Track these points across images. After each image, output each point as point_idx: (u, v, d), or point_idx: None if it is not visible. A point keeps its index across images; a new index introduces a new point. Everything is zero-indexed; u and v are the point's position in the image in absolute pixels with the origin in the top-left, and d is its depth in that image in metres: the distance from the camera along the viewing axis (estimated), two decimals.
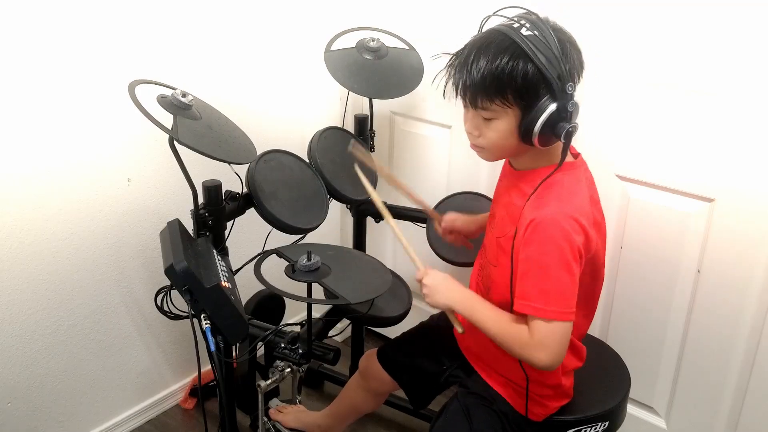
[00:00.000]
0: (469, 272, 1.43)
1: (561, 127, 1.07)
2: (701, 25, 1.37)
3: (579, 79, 1.12)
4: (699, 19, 1.38)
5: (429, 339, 1.49)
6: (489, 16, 1.13)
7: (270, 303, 1.76)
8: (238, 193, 1.46)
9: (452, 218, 1.50)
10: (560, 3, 1.51)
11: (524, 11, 1.10)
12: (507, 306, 1.17)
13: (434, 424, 1.36)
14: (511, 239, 1.15)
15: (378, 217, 1.85)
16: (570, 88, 1.06)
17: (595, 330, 1.71)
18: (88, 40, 1.50)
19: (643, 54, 1.47)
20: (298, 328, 1.42)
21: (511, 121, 1.10)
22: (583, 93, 1.46)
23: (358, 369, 1.61)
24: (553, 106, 1.06)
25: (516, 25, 1.06)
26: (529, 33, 1.05)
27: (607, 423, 1.32)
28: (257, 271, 1.27)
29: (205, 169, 1.37)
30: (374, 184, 1.52)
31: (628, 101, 1.52)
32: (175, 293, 1.35)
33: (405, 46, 1.77)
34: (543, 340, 1.10)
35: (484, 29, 1.12)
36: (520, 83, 1.05)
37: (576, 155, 1.22)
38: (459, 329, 1.24)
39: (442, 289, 1.23)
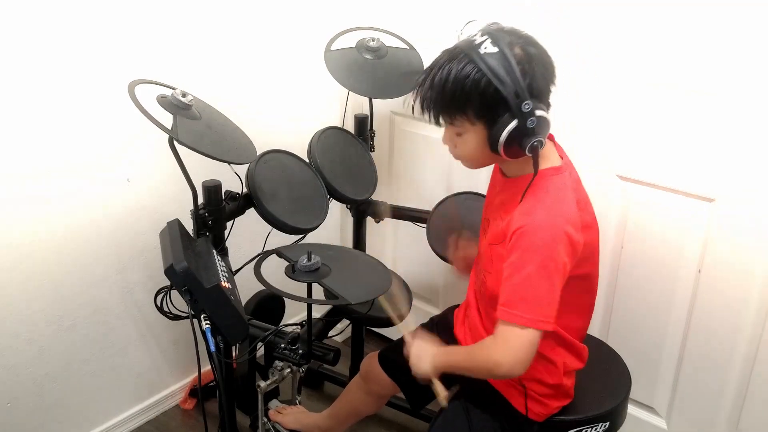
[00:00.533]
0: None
1: (525, 141, 1.08)
2: (701, 25, 1.37)
3: (549, 89, 1.11)
4: (699, 19, 1.37)
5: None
6: (461, 29, 1.13)
7: (270, 303, 1.76)
8: (238, 193, 1.46)
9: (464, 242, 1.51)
10: (560, 3, 1.51)
11: (487, 25, 1.10)
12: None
13: (434, 422, 1.35)
14: (505, 245, 1.15)
15: (377, 218, 1.85)
16: (527, 106, 1.06)
17: (595, 330, 1.71)
18: (88, 40, 1.50)
19: (643, 54, 1.47)
20: (298, 329, 1.42)
21: (478, 135, 1.12)
22: (583, 93, 1.46)
23: (360, 371, 1.61)
24: (513, 124, 1.07)
25: (477, 41, 1.07)
26: (487, 51, 1.05)
27: (607, 423, 1.32)
28: (257, 271, 1.27)
29: (205, 169, 1.37)
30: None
31: (628, 101, 1.51)
32: (175, 293, 1.35)
33: (405, 46, 1.77)
34: (508, 342, 1.10)
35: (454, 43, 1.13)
36: (477, 102, 1.07)
37: (562, 156, 1.22)
38: (442, 400, 1.23)
39: (421, 355, 1.25)
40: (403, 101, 1.22)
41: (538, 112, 1.07)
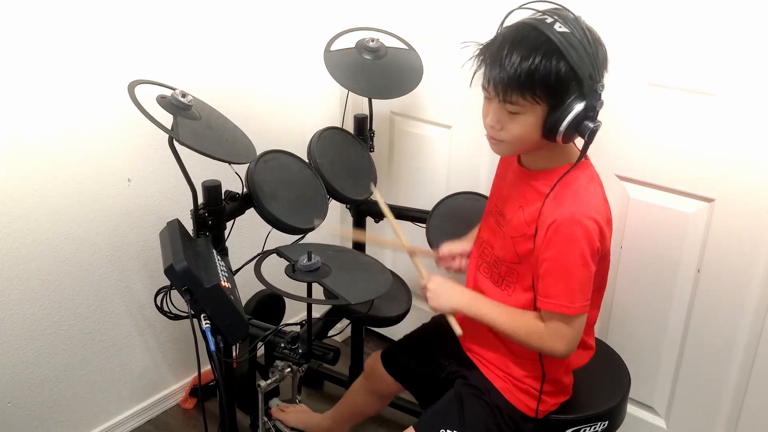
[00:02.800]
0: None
1: (585, 126, 1.08)
2: (701, 25, 1.37)
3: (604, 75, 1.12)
4: (699, 19, 1.38)
5: (431, 340, 1.49)
6: (513, 9, 1.11)
7: (270, 303, 1.76)
8: (238, 193, 1.46)
9: (448, 246, 1.46)
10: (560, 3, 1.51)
11: (556, 6, 1.09)
12: (531, 301, 1.20)
13: (427, 410, 1.35)
14: (531, 238, 1.16)
15: (378, 217, 1.85)
16: (600, 88, 1.07)
17: (595, 330, 1.71)
18: (89, 41, 1.50)
19: (643, 54, 1.47)
20: (298, 328, 1.42)
21: (536, 116, 1.10)
22: None
23: (363, 371, 1.61)
24: (581, 105, 1.06)
25: (549, 20, 1.05)
26: (562, 30, 1.04)
27: (606, 422, 1.32)
28: (257, 271, 1.27)
29: (205, 169, 1.37)
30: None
31: (628, 101, 1.51)
32: (175, 293, 1.35)
33: (405, 46, 1.77)
34: (562, 332, 1.15)
35: (508, 23, 1.11)
36: (553, 81, 1.05)
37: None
38: (458, 332, 1.26)
39: (445, 292, 1.26)
40: (461, 66, 1.15)
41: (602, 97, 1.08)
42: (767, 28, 1.30)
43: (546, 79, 1.05)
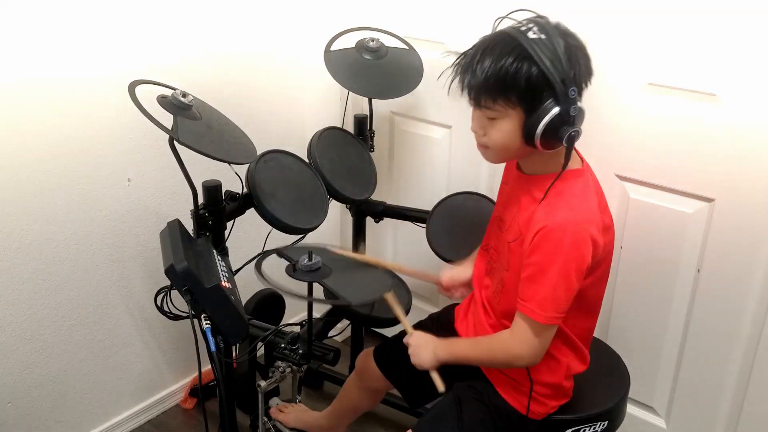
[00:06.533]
0: None
1: (564, 131, 1.08)
2: (701, 26, 1.37)
3: (586, 85, 1.12)
4: (699, 20, 1.37)
5: None
6: (501, 18, 1.13)
7: (270, 303, 1.76)
8: (238, 193, 1.46)
9: (449, 274, 1.46)
10: (560, 5, 1.51)
11: (535, 15, 1.10)
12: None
13: (425, 414, 1.35)
14: (522, 243, 1.16)
15: (378, 218, 1.85)
16: (573, 93, 1.06)
17: (595, 330, 1.71)
18: (89, 40, 1.50)
19: (643, 54, 1.47)
20: (298, 329, 1.42)
21: (514, 122, 1.11)
22: (582, 93, 1.46)
23: (355, 368, 1.62)
24: (555, 110, 1.07)
25: (524, 28, 1.07)
26: (535, 36, 1.05)
27: (606, 423, 1.32)
28: (258, 269, 1.27)
29: (205, 169, 1.37)
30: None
31: (628, 101, 1.51)
32: (175, 293, 1.35)
33: (405, 46, 1.78)
34: (527, 337, 1.15)
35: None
36: (523, 85, 1.06)
37: (582, 160, 1.23)
38: (440, 389, 1.25)
39: (423, 344, 1.28)
40: (437, 77, 1.19)
41: (579, 103, 1.08)
42: (767, 28, 1.30)
43: (516, 83, 1.06)
